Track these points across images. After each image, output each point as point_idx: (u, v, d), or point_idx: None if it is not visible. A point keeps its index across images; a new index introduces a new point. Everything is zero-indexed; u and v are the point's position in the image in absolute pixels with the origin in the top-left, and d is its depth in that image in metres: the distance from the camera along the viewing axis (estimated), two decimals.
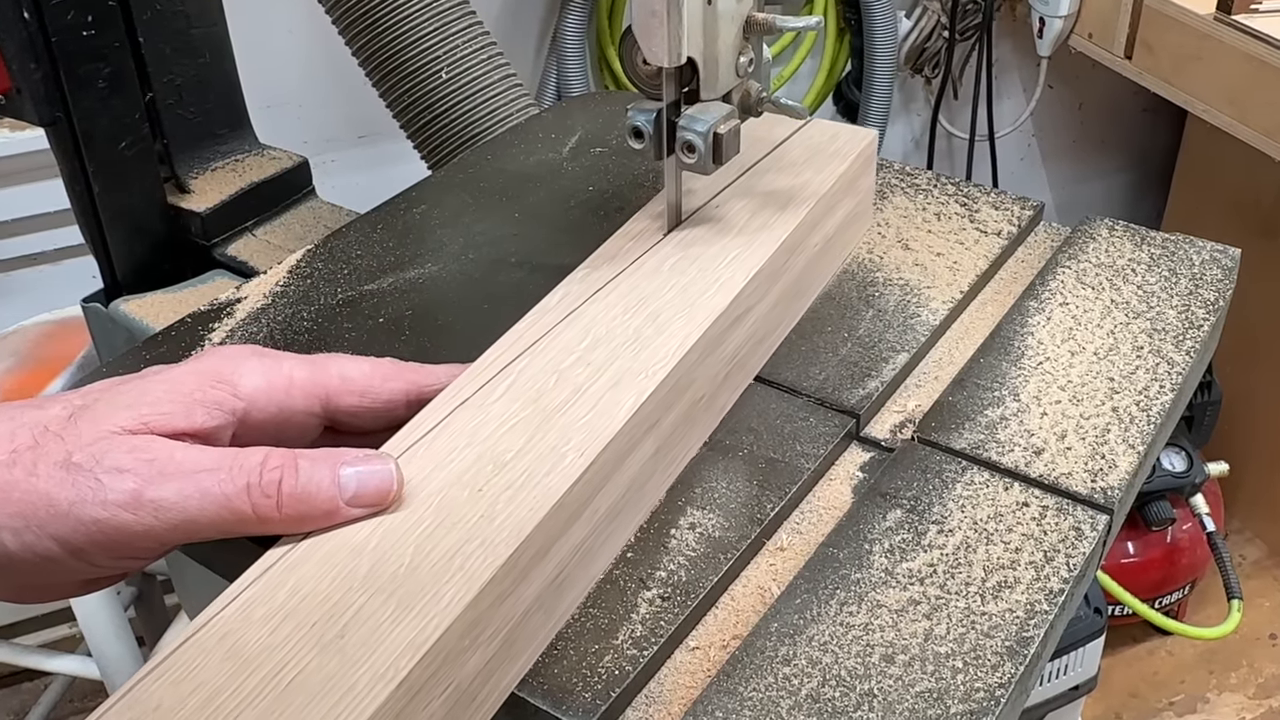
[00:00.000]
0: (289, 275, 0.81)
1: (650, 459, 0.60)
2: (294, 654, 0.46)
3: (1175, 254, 0.81)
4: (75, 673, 1.56)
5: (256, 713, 0.44)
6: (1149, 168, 2.61)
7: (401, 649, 0.46)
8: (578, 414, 0.57)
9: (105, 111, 0.91)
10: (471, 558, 0.49)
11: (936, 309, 0.76)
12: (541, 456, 0.54)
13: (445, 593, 0.48)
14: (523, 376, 0.60)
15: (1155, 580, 1.98)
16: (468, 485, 0.53)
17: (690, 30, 0.64)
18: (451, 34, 1.02)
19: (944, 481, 0.64)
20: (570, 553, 0.55)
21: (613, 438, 0.56)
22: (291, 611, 0.47)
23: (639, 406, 0.57)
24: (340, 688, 0.44)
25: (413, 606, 0.47)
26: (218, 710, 0.44)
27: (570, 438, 0.55)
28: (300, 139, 1.84)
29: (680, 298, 0.65)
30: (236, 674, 0.45)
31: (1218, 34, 1.78)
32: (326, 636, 0.46)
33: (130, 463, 0.50)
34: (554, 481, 0.53)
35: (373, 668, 0.45)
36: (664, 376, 0.59)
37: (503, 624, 0.51)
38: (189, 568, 0.84)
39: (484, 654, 0.50)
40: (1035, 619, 0.56)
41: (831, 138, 0.80)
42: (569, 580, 0.55)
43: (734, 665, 0.55)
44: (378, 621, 0.47)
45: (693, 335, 0.62)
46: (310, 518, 0.51)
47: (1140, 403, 0.69)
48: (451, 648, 0.47)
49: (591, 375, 0.59)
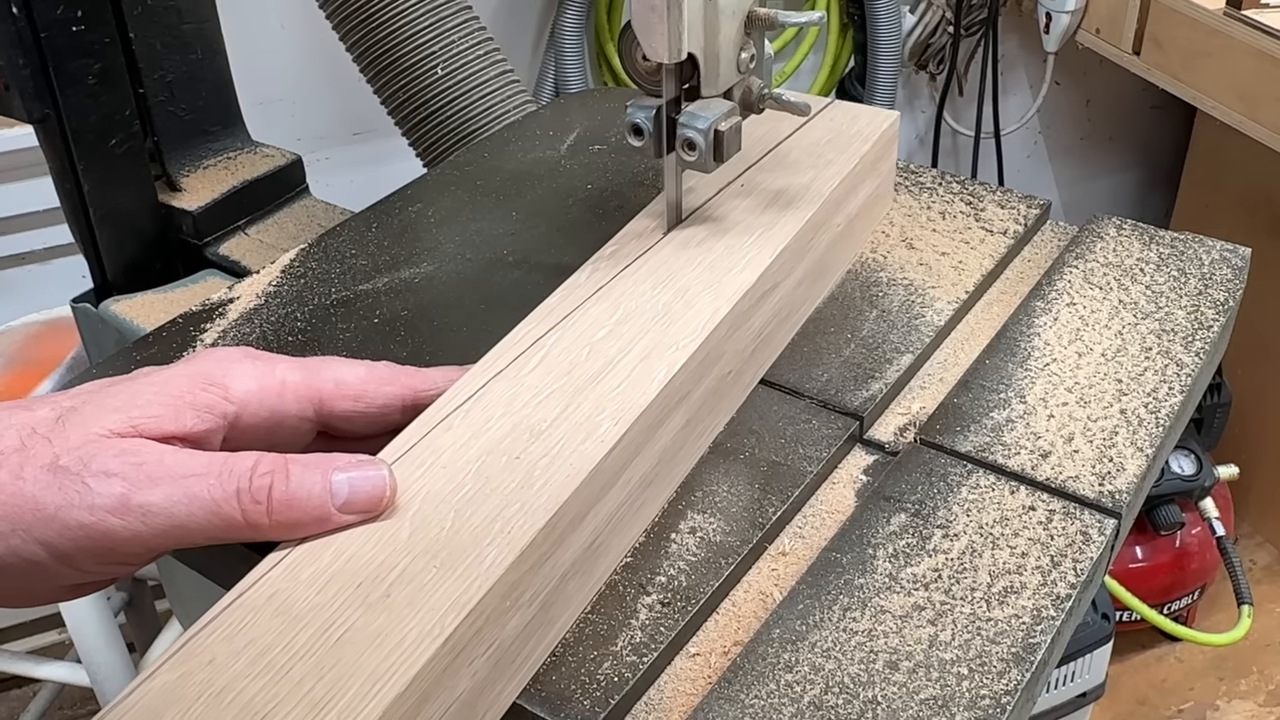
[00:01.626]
0: (282, 275, 0.81)
1: (681, 430, 0.62)
2: (341, 612, 0.48)
3: (1184, 253, 0.81)
4: (65, 680, 1.56)
5: (307, 666, 0.46)
6: (1157, 165, 2.61)
7: (446, 607, 0.48)
8: (611, 385, 0.59)
9: (95, 108, 0.91)
10: (511, 522, 0.52)
11: (941, 309, 0.76)
12: (577, 425, 0.57)
13: (487, 555, 0.50)
14: (555, 349, 0.62)
15: (1164, 585, 1.98)
16: (505, 453, 0.55)
17: (691, 25, 0.64)
18: (447, 29, 1.02)
19: (949, 485, 0.64)
20: (605, 520, 0.57)
21: (646, 407, 0.58)
22: (337, 573, 0.50)
23: (670, 378, 0.60)
24: (389, 643, 0.47)
25: (455, 568, 0.49)
26: (270, 664, 0.46)
27: (604, 408, 0.58)
28: (294, 136, 1.85)
29: (708, 274, 0.67)
30: (286, 630, 0.47)
31: (1228, 29, 1.79)
32: (372, 596, 0.48)
33: (118, 466, 0.50)
34: (590, 449, 0.55)
35: (419, 625, 0.47)
36: (694, 349, 0.62)
37: (541, 587, 0.53)
38: (180, 573, 0.85)
39: (524, 616, 0.52)
40: (1042, 625, 0.56)
41: (853, 118, 0.82)
42: (604, 547, 0.57)
43: (735, 672, 0.55)
44: (422, 582, 0.49)
45: (721, 310, 0.64)
46: (301, 524, 0.51)
47: (1149, 405, 0.69)
48: (494, 608, 0.50)
49: (623, 348, 0.62)
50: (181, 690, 0.45)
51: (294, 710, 0.44)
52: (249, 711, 0.44)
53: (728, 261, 0.68)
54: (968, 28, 2.20)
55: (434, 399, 0.59)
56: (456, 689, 0.49)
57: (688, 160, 0.68)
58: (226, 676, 0.46)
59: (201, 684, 0.46)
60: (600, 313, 0.65)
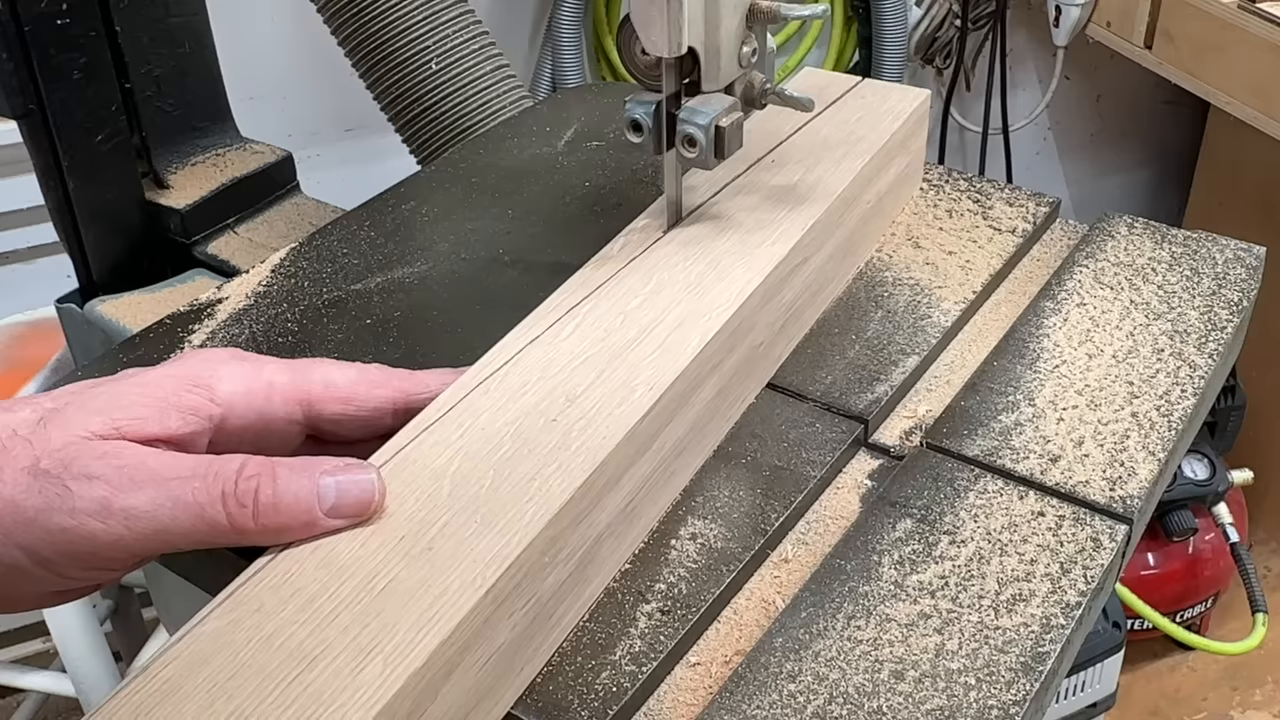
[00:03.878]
0: (272, 275, 0.81)
1: (713, 399, 0.64)
2: (385, 564, 0.50)
3: (1197, 252, 0.81)
4: (49, 689, 1.56)
5: (353, 614, 0.48)
6: (1170, 162, 2.61)
7: (488, 559, 0.50)
8: (645, 352, 0.62)
9: (80, 103, 0.91)
10: (550, 480, 0.54)
11: (948, 310, 0.76)
12: (612, 391, 0.59)
13: (526, 511, 0.53)
14: (590, 317, 0.65)
15: (1176, 593, 1.98)
16: (542, 415, 0.58)
17: (691, 19, 0.64)
18: (442, 23, 1.02)
19: (956, 490, 0.64)
20: (639, 484, 0.59)
21: (680, 374, 0.60)
22: (379, 527, 0.52)
23: (704, 346, 0.62)
24: (432, 593, 0.49)
25: (495, 523, 0.52)
26: (317, 611, 0.48)
27: (639, 374, 0.60)
28: (284, 132, 1.84)
29: (740, 246, 0.69)
30: (331, 581, 0.50)
31: (1242, 23, 1.79)
32: (415, 549, 0.51)
33: (100, 469, 0.50)
34: (626, 413, 0.58)
35: (461, 576, 0.50)
36: (727, 318, 0.64)
37: (578, 545, 0.55)
38: (167, 580, 0.85)
39: (561, 573, 0.54)
40: (1051, 633, 0.56)
41: (884, 97, 0.84)
42: (637, 511, 0.60)
43: (736, 682, 0.55)
44: (463, 536, 0.51)
45: (754, 281, 0.66)
46: (288, 529, 0.51)
47: (1161, 408, 0.69)
48: (533, 563, 0.52)
49: (657, 316, 0.64)
50: (231, 636, 0.48)
51: (341, 655, 0.47)
52: (297, 656, 0.47)
53: (760, 235, 0.70)
54: (975, 21, 2.20)
55: (427, 403, 0.59)
56: (497, 640, 0.51)
57: (688, 157, 0.68)
58: (275, 623, 0.48)
59: (250, 629, 0.48)
60: (634, 282, 0.67)
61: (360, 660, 0.47)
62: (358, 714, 0.45)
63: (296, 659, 0.47)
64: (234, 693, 0.46)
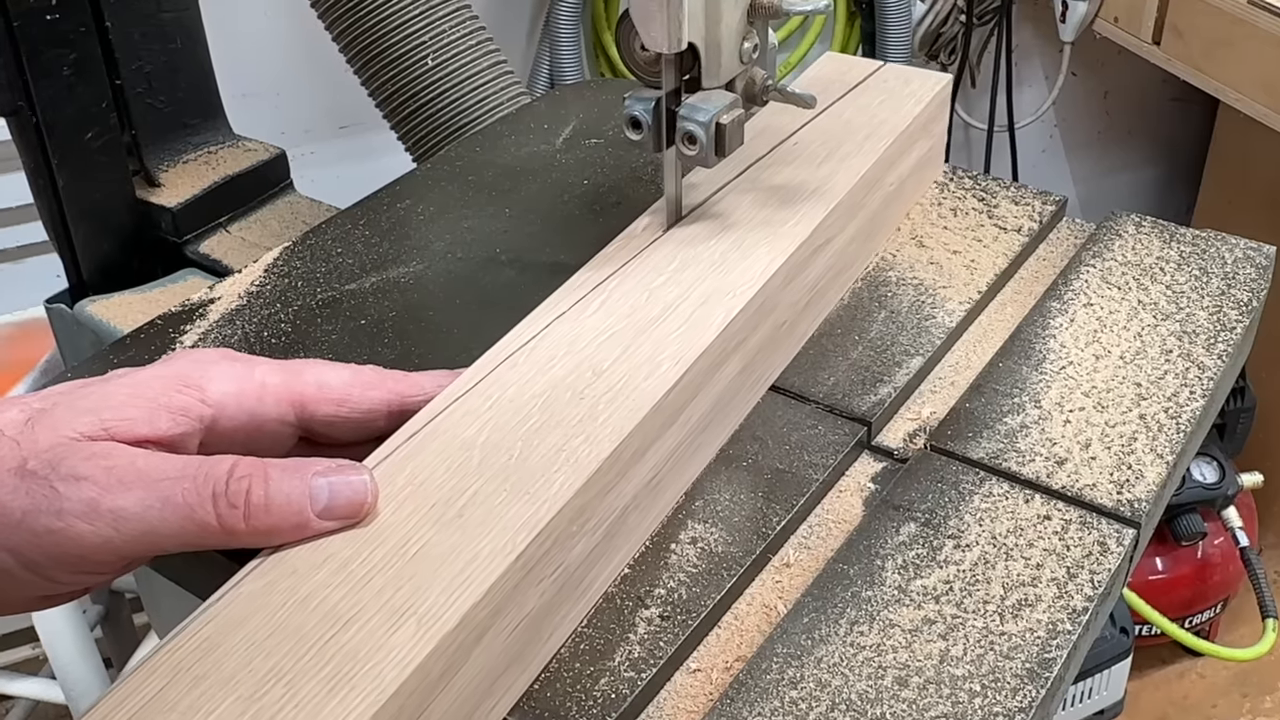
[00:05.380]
0: (265, 274, 0.81)
1: (736, 376, 0.66)
2: (417, 529, 0.52)
3: (1206, 252, 0.81)
4: (38, 696, 1.56)
5: (386, 578, 0.50)
6: (1178, 160, 2.61)
7: (518, 526, 0.52)
8: (670, 328, 0.64)
9: (70, 100, 0.91)
10: (578, 451, 0.56)
11: (953, 310, 0.76)
12: (638, 365, 0.61)
13: (555, 480, 0.55)
14: (615, 294, 0.66)
15: (1185, 598, 1.98)
16: (569, 389, 0.60)
17: (691, 14, 0.64)
18: (438, 18, 1.02)
19: (960, 493, 0.64)
20: (664, 457, 0.61)
21: (705, 349, 0.62)
22: (410, 495, 0.54)
23: (729, 322, 0.64)
24: (463, 558, 0.51)
25: (525, 491, 0.54)
26: (350, 575, 0.50)
27: (664, 349, 0.62)
28: (277, 130, 1.83)
29: (764, 226, 0.71)
30: (364, 546, 0.52)
31: (1252, 18, 1.79)
32: (446, 516, 0.53)
33: (88, 470, 0.50)
34: (652, 387, 0.60)
35: (492, 542, 0.51)
36: (751, 296, 0.66)
37: (605, 515, 0.57)
38: (159, 585, 0.84)
39: (589, 542, 0.56)
40: (1058, 639, 0.56)
41: (905, 81, 0.86)
42: (662, 485, 0.62)
43: (737, 689, 0.55)
44: (493, 504, 0.53)
45: (777, 260, 0.68)
46: (279, 530, 0.51)
47: (1169, 410, 0.69)
48: (561, 531, 0.54)
49: (681, 294, 0.66)
50: (267, 597, 0.50)
51: (375, 616, 0.48)
52: (332, 617, 0.49)
53: (783, 214, 0.72)
54: (980, 16, 2.20)
55: (422, 405, 0.59)
56: (526, 606, 0.53)
57: (688, 155, 0.68)
58: (309, 586, 0.50)
59: (286, 591, 0.50)
60: (658, 260, 0.69)
61: (394, 622, 0.48)
62: (393, 672, 0.46)
63: (331, 620, 0.48)
64: (271, 650, 0.47)
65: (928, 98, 0.84)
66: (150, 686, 0.47)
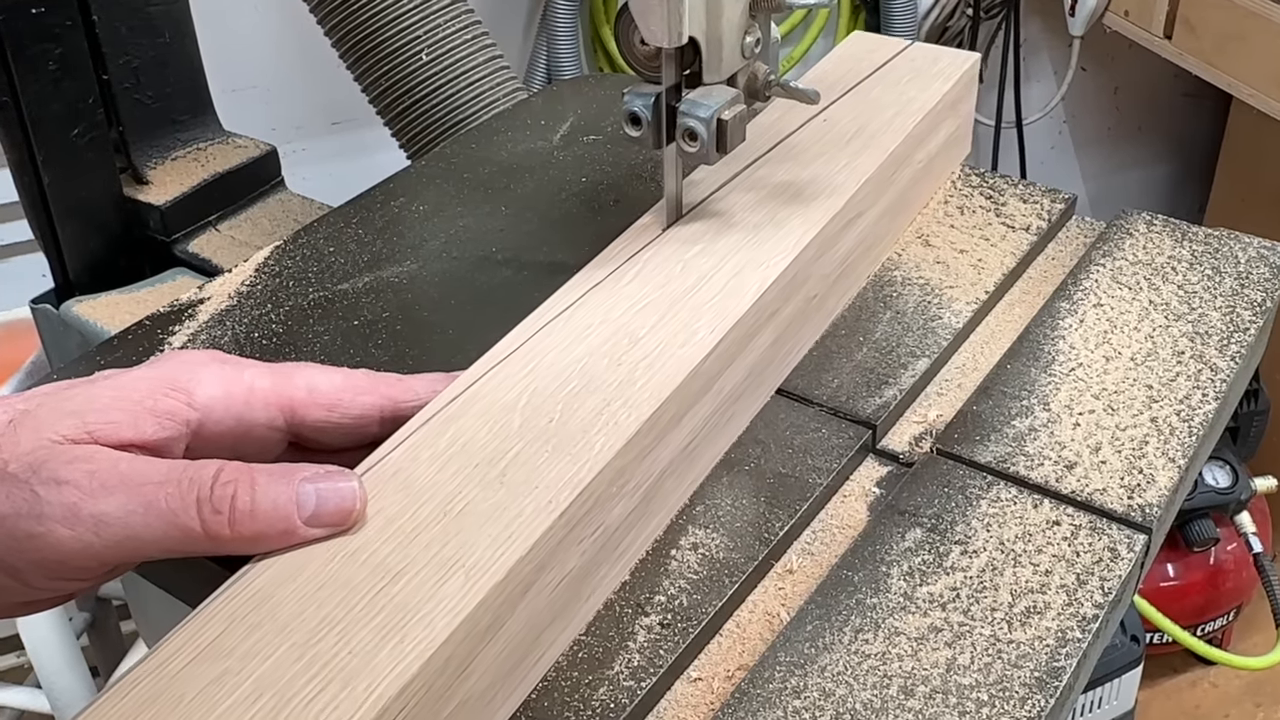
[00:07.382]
0: (256, 274, 0.81)
1: (769, 347, 0.68)
2: (461, 488, 0.55)
3: (1219, 251, 0.81)
4: (24, 706, 1.56)
5: (432, 534, 0.52)
6: (1190, 157, 2.61)
7: (560, 485, 0.55)
8: (705, 297, 0.66)
9: (56, 96, 0.91)
10: (617, 414, 0.59)
11: (960, 311, 0.76)
12: (674, 333, 0.64)
13: (595, 441, 0.57)
14: (650, 264, 0.69)
15: (1197, 605, 1.98)
16: (606, 355, 0.62)
17: (692, 8, 0.64)
18: (432, 12, 1.02)
19: (968, 498, 0.64)
20: (700, 424, 0.63)
21: (740, 318, 0.65)
22: (455, 455, 0.57)
23: (763, 292, 0.66)
24: (508, 515, 0.53)
25: (567, 452, 0.56)
26: (399, 530, 0.53)
27: (700, 317, 0.65)
28: (268, 126, 1.84)
29: (796, 199, 0.74)
30: (411, 503, 0.54)
31: (1265, 11, 1.79)
32: (489, 476, 0.55)
33: (69, 474, 0.50)
34: (688, 353, 0.62)
35: (535, 500, 0.54)
36: (784, 267, 0.68)
37: (644, 479, 0.59)
38: (146, 592, 0.84)
39: (627, 504, 0.59)
40: (1067, 647, 0.56)
41: (934, 60, 0.88)
42: (697, 452, 0.64)
43: (739, 698, 0.55)
44: (535, 464, 0.56)
45: (809, 232, 0.71)
46: (265, 537, 0.51)
47: (1181, 413, 0.69)
48: (602, 492, 0.56)
49: (716, 264, 0.68)
50: (316, 551, 0.52)
51: (424, 569, 0.51)
52: (382, 570, 0.51)
53: (814, 188, 0.74)
54: (987, 10, 2.20)
55: (415, 410, 0.59)
56: (568, 564, 0.55)
57: (689, 152, 0.68)
58: (358, 540, 0.52)
59: (335, 546, 0.52)
60: (693, 231, 0.72)
61: (443, 574, 0.51)
62: (443, 621, 0.49)
63: (381, 573, 0.51)
64: (324, 602, 0.50)
65: (955, 76, 0.86)
66: (208, 633, 0.49)
